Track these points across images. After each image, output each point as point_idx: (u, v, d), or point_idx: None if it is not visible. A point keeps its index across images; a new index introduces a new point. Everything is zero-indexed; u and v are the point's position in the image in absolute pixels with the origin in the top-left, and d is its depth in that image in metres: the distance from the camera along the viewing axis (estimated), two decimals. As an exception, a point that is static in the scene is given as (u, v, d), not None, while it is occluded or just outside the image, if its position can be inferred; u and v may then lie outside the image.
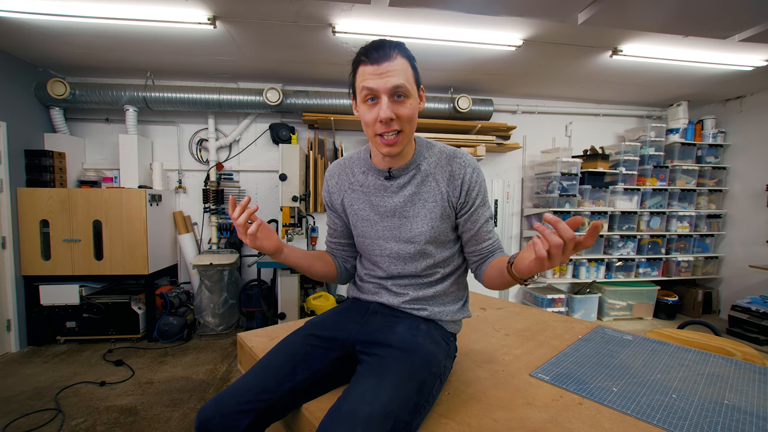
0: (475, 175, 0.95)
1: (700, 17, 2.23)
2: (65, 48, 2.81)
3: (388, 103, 0.83)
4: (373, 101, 0.85)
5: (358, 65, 0.86)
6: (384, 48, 0.83)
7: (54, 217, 2.93)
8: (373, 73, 0.83)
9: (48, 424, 1.96)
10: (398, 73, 0.83)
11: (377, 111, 0.84)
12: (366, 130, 0.90)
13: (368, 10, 2.24)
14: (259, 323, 3.27)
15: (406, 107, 0.86)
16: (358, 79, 0.87)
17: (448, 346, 0.97)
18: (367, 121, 0.88)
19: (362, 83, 0.84)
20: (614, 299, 3.87)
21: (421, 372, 0.82)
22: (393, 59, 0.83)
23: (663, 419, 0.81)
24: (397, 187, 0.97)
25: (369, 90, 0.84)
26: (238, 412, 0.77)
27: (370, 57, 0.83)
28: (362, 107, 0.88)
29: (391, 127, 0.85)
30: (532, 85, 3.65)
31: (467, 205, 0.96)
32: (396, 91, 0.83)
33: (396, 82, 0.82)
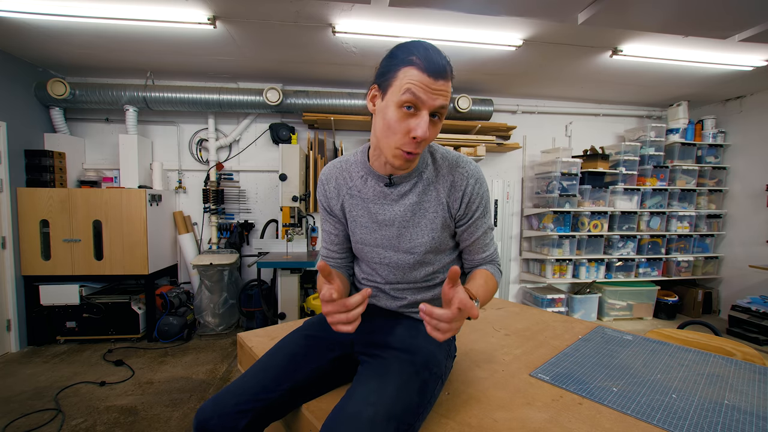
0: (477, 186, 0.91)
1: (700, 17, 2.23)
2: (65, 48, 2.81)
3: (428, 121, 0.77)
4: (409, 110, 0.76)
5: (408, 65, 0.75)
6: (443, 64, 0.76)
7: (54, 217, 2.93)
8: (427, 84, 0.74)
9: (48, 424, 1.96)
10: (446, 95, 0.77)
11: (413, 125, 0.77)
12: (386, 134, 0.80)
13: (368, 10, 2.24)
14: (259, 323, 3.27)
15: (436, 129, 0.81)
16: (401, 78, 0.76)
17: (448, 346, 0.97)
18: (395, 130, 0.78)
19: (409, 86, 0.74)
20: (614, 299, 3.87)
21: (423, 373, 0.82)
22: (448, 80, 0.77)
23: (663, 419, 0.81)
24: (397, 195, 0.92)
25: (415, 98, 0.75)
26: (236, 412, 0.77)
27: (430, 66, 0.74)
28: (394, 111, 0.77)
29: (419, 148, 0.79)
30: (532, 85, 3.65)
31: (466, 217, 0.93)
32: (437, 111, 0.78)
33: (443, 103, 0.77)
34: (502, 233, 4.04)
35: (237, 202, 3.69)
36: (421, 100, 0.75)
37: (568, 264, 3.83)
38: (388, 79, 0.78)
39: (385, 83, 0.79)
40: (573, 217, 3.76)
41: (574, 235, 3.73)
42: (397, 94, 0.76)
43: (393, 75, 0.77)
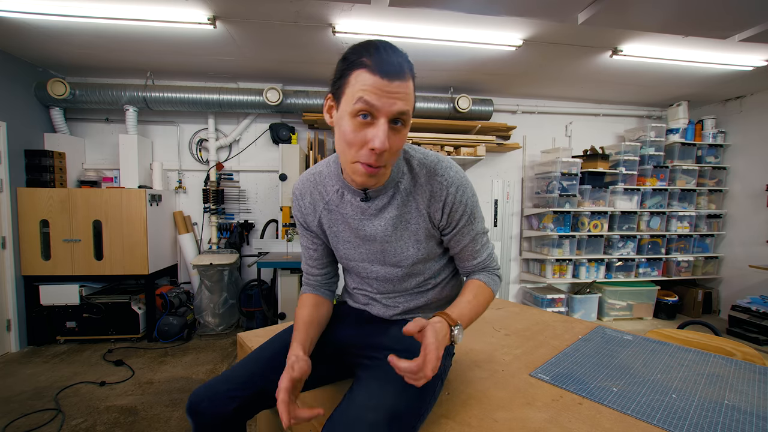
0: (459, 194, 0.84)
1: (700, 17, 2.23)
2: (65, 48, 2.81)
3: (387, 131, 0.69)
4: (365, 119, 0.69)
5: (359, 68, 0.68)
6: (399, 63, 0.69)
7: (54, 217, 2.93)
8: (380, 88, 0.67)
9: (48, 424, 1.96)
10: (406, 97, 0.69)
11: (370, 135, 0.69)
12: (343, 148, 0.74)
13: (368, 10, 2.24)
14: (259, 323, 3.27)
15: (400, 137, 0.73)
16: (352, 84, 0.69)
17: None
18: (351, 141, 0.71)
19: (361, 94, 0.67)
20: (614, 299, 3.87)
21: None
22: (405, 80, 0.69)
23: (663, 419, 0.81)
24: (375, 209, 0.86)
25: (368, 106, 0.67)
26: (227, 397, 0.81)
27: (383, 67, 0.67)
28: (348, 121, 0.70)
29: (380, 160, 0.72)
30: (532, 85, 3.65)
31: (450, 226, 0.88)
32: (398, 117, 0.70)
33: (402, 107, 0.69)
34: (502, 233, 4.04)
35: (237, 202, 3.69)
36: (376, 108, 0.67)
37: (568, 264, 3.83)
38: (341, 87, 0.71)
39: (338, 92, 0.72)
40: (573, 217, 3.76)
41: (574, 235, 3.73)
42: (350, 103, 0.69)
43: (345, 81, 0.70)
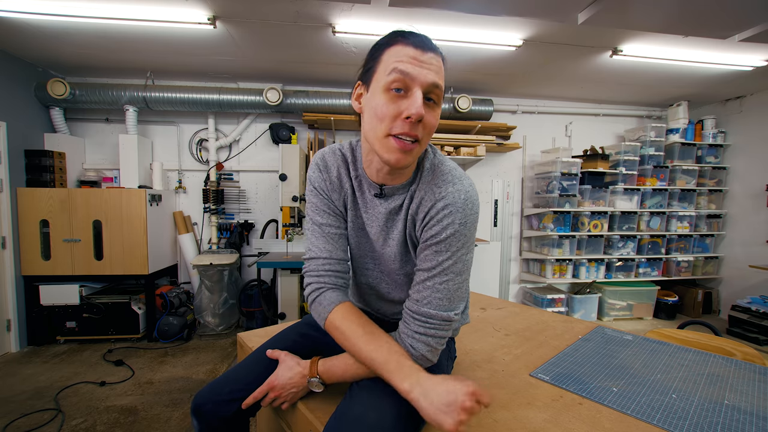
0: (446, 212, 0.72)
1: (700, 17, 2.23)
2: (65, 48, 2.81)
3: (422, 100, 0.66)
4: (399, 93, 0.66)
5: (392, 44, 0.68)
6: (429, 39, 0.69)
7: (54, 217, 2.93)
8: (415, 57, 0.65)
9: (48, 424, 1.96)
10: (439, 72, 0.68)
11: (403, 106, 0.66)
12: (374, 125, 0.69)
13: (368, 10, 2.24)
14: (259, 323, 3.27)
15: (434, 115, 0.70)
16: (386, 59, 0.67)
17: (447, 348, 0.95)
18: (384, 114, 0.67)
19: (396, 64, 0.65)
20: (614, 299, 3.87)
21: None
22: (437, 54, 0.69)
23: (663, 419, 0.81)
24: (386, 211, 0.81)
25: (403, 75, 0.65)
26: (229, 399, 0.82)
27: (414, 39, 0.67)
28: (379, 96, 0.68)
29: (415, 130, 0.67)
30: (532, 85, 3.65)
31: (426, 240, 0.75)
32: (431, 91, 0.67)
33: (436, 79, 0.67)
34: (502, 233, 4.04)
35: (237, 202, 3.69)
36: (411, 76, 0.65)
37: (568, 264, 3.83)
38: (373, 68, 0.70)
39: (368, 74, 0.71)
40: (573, 217, 3.76)
41: (574, 235, 3.73)
42: (383, 77, 0.67)
43: (377, 61, 0.70)
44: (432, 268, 0.73)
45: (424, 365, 0.74)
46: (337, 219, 0.86)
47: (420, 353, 0.74)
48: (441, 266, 0.72)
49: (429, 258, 0.74)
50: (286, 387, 0.82)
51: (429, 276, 0.73)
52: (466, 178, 0.77)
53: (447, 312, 0.73)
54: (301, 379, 0.82)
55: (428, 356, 0.74)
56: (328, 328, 0.78)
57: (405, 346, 0.74)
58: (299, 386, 0.83)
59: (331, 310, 0.78)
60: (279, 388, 0.82)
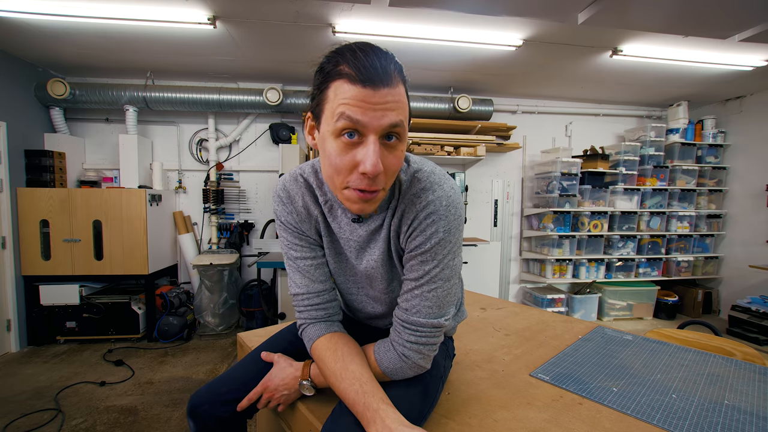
0: (428, 221, 0.68)
1: (700, 17, 2.23)
2: (65, 48, 2.81)
3: (378, 148, 0.59)
4: (351, 138, 0.59)
5: (337, 78, 0.59)
6: (383, 66, 0.58)
7: (54, 217, 2.93)
8: (364, 99, 0.57)
9: (48, 424, 1.96)
10: (398, 106, 0.59)
11: (359, 156, 0.59)
12: (330, 174, 0.64)
13: (368, 10, 2.24)
14: (259, 323, 3.27)
15: (397, 155, 0.62)
16: (331, 99, 0.60)
17: (445, 346, 0.94)
18: (338, 167, 0.61)
19: (343, 109, 0.57)
20: (614, 299, 3.87)
21: (423, 376, 0.79)
22: (394, 85, 0.59)
23: (663, 419, 0.81)
24: (366, 233, 0.76)
25: (352, 122, 0.57)
26: (226, 400, 0.82)
27: (365, 73, 0.56)
28: (332, 143, 0.61)
29: (374, 185, 0.61)
30: (532, 85, 3.65)
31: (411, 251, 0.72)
32: (390, 131, 0.60)
33: (394, 119, 0.59)
34: (502, 233, 4.04)
35: (237, 202, 3.69)
36: (362, 124, 0.57)
37: (568, 264, 3.83)
38: (320, 103, 0.63)
39: (317, 109, 0.64)
40: (573, 217, 3.76)
41: (574, 235, 3.73)
42: (331, 121, 0.60)
43: (323, 96, 0.62)
44: (419, 278, 0.71)
45: (418, 372, 0.75)
46: (312, 250, 0.82)
47: (412, 362, 0.73)
48: (428, 275, 0.70)
49: (415, 268, 0.71)
50: (279, 388, 0.82)
51: (417, 285, 0.71)
52: (446, 181, 0.72)
53: (437, 319, 0.72)
54: (293, 381, 0.82)
55: (420, 363, 0.74)
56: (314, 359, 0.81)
57: (397, 354, 0.73)
58: (291, 388, 0.82)
59: (310, 346, 0.80)
60: (272, 389, 0.82)
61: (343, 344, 0.76)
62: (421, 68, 3.19)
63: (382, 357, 0.74)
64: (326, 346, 0.76)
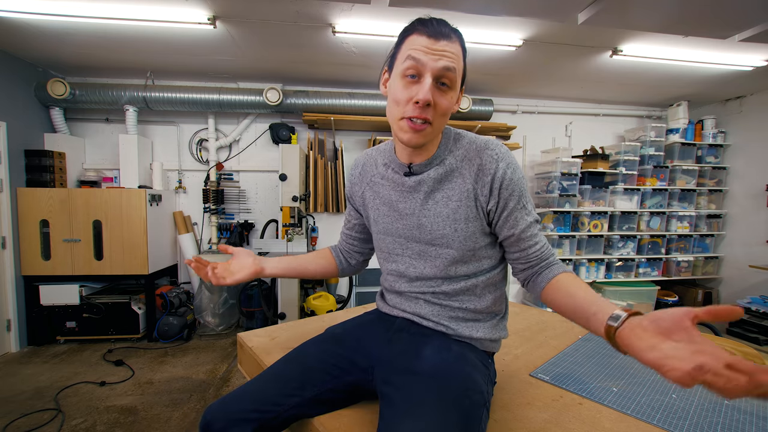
0: (509, 171, 0.79)
1: (699, 17, 2.23)
2: (65, 48, 2.81)
3: (432, 85, 0.72)
4: (413, 78, 0.73)
5: (410, 33, 0.75)
6: (446, 26, 0.74)
7: (54, 217, 2.93)
8: (427, 46, 0.72)
9: (48, 424, 1.96)
10: (452, 57, 0.73)
11: (415, 90, 0.73)
12: (393, 109, 0.77)
13: (368, 10, 2.24)
14: (259, 323, 3.27)
15: (447, 98, 0.75)
16: (404, 48, 0.75)
17: (487, 369, 0.84)
18: (398, 99, 0.75)
19: (410, 52, 0.73)
20: (614, 299, 3.87)
21: (462, 401, 0.69)
22: (452, 41, 0.73)
23: (663, 419, 0.81)
24: (415, 183, 0.85)
25: (415, 62, 0.72)
26: (243, 419, 0.75)
27: (429, 28, 0.72)
28: (397, 82, 0.76)
29: (425, 114, 0.73)
30: (532, 85, 3.65)
31: (499, 207, 0.80)
32: (443, 75, 0.73)
33: (447, 63, 0.72)
34: (502, 233, 4.04)
35: (237, 202, 3.69)
36: (422, 63, 0.72)
37: (568, 264, 3.82)
38: (394, 55, 0.79)
39: (392, 61, 0.80)
40: (573, 217, 3.76)
41: (574, 235, 3.73)
42: (400, 64, 0.75)
43: (398, 50, 0.77)
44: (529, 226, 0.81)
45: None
46: (351, 210, 1.07)
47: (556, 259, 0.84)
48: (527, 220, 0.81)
49: (519, 218, 0.81)
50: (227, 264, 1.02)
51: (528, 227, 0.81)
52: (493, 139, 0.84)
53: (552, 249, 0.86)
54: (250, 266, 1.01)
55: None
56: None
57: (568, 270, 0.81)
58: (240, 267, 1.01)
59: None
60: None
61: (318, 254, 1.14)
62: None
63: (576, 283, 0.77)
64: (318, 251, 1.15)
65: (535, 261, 0.83)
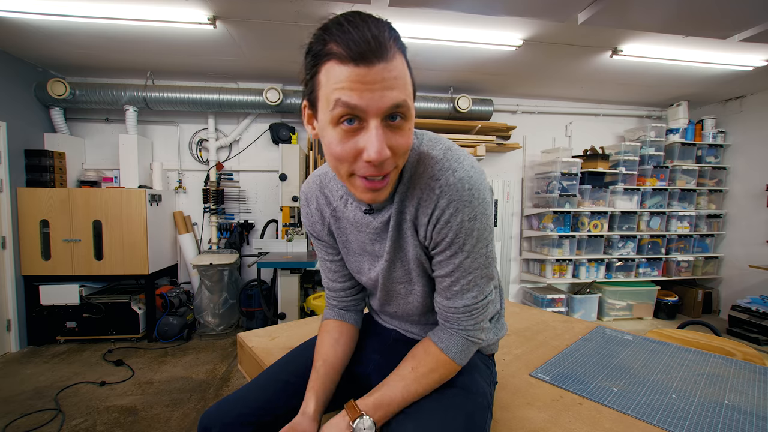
0: (450, 211, 0.62)
1: (700, 17, 2.23)
2: (65, 48, 2.81)
3: (382, 133, 0.52)
4: (350, 124, 0.53)
5: (327, 59, 0.52)
6: (376, 36, 0.50)
7: (54, 217, 2.93)
8: (359, 80, 0.50)
9: (48, 424, 1.96)
10: (398, 83, 0.52)
11: (361, 143, 0.53)
12: (334, 164, 0.58)
13: (368, 10, 2.22)
14: (259, 323, 3.27)
15: (403, 134, 0.55)
16: (324, 82, 0.53)
17: (488, 369, 0.83)
18: (340, 156, 0.55)
19: (338, 95, 0.51)
20: (614, 299, 3.87)
21: (466, 405, 0.68)
22: (391, 58, 0.51)
23: (663, 419, 0.81)
24: (381, 224, 0.70)
25: (350, 108, 0.51)
26: (240, 423, 0.73)
27: (352, 48, 0.49)
28: (331, 132, 0.55)
29: (382, 170, 0.55)
30: (532, 85, 3.65)
31: (433, 246, 0.67)
32: (394, 112, 0.53)
33: (396, 98, 0.52)
34: (502, 233, 4.04)
35: (237, 202, 3.69)
36: (360, 108, 0.51)
37: (568, 264, 3.83)
38: (313, 89, 0.56)
39: (312, 96, 0.57)
40: (573, 217, 3.76)
41: (574, 235, 3.73)
42: (326, 109, 0.53)
43: (315, 82, 0.55)
44: (452, 272, 0.66)
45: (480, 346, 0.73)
46: (329, 253, 0.85)
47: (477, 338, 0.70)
48: (461, 268, 0.65)
49: (444, 263, 0.67)
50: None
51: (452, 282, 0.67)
52: (465, 158, 0.63)
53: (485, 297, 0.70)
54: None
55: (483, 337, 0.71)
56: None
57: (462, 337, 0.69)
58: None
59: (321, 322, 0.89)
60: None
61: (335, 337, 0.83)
62: (421, 68, 3.19)
63: (448, 344, 0.69)
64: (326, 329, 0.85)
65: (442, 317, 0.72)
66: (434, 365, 0.68)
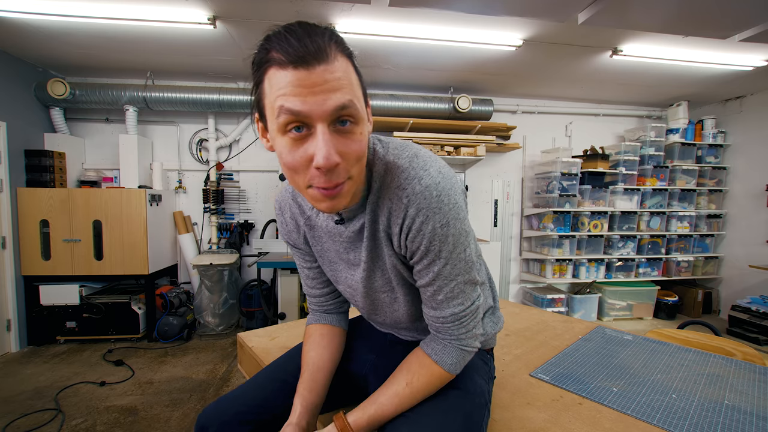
0: (419, 219, 0.60)
1: (700, 17, 2.23)
2: (65, 48, 2.81)
3: (329, 138, 0.51)
4: (299, 132, 0.52)
5: (268, 67, 0.51)
6: (314, 40, 0.49)
7: (54, 217, 2.93)
8: (299, 83, 0.49)
9: (48, 424, 1.96)
10: (342, 84, 0.51)
11: (311, 150, 0.52)
12: (290, 176, 0.56)
13: (368, 10, 2.24)
14: (259, 323, 3.27)
15: (356, 140, 0.54)
16: (268, 91, 0.52)
17: (486, 365, 0.82)
18: (292, 166, 0.54)
19: (280, 101, 0.50)
20: (614, 299, 3.87)
21: (464, 404, 0.68)
22: (331, 60, 0.50)
23: (663, 419, 0.81)
24: (353, 233, 0.69)
25: (293, 115, 0.50)
26: (238, 421, 0.73)
27: (290, 52, 0.49)
28: (280, 141, 0.54)
29: (335, 178, 0.54)
30: (532, 85, 3.65)
31: (412, 256, 0.65)
32: (340, 115, 0.51)
33: (340, 100, 0.50)
34: (502, 233, 4.04)
35: (237, 202, 3.69)
36: (303, 114, 0.50)
37: (568, 264, 3.83)
38: (260, 100, 0.55)
39: (260, 106, 0.56)
40: (573, 217, 3.76)
41: (574, 235, 3.73)
42: (273, 118, 0.52)
43: (260, 92, 0.54)
44: (433, 281, 0.65)
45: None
46: (307, 261, 0.85)
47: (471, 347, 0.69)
48: (441, 276, 0.64)
49: (423, 273, 0.65)
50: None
51: (435, 290, 0.66)
52: (432, 164, 0.61)
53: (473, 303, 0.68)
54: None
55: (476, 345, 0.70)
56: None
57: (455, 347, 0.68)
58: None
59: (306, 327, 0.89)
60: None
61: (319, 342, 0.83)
62: (421, 68, 3.19)
63: (442, 356, 0.68)
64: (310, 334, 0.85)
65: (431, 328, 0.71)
66: (429, 378, 0.68)
